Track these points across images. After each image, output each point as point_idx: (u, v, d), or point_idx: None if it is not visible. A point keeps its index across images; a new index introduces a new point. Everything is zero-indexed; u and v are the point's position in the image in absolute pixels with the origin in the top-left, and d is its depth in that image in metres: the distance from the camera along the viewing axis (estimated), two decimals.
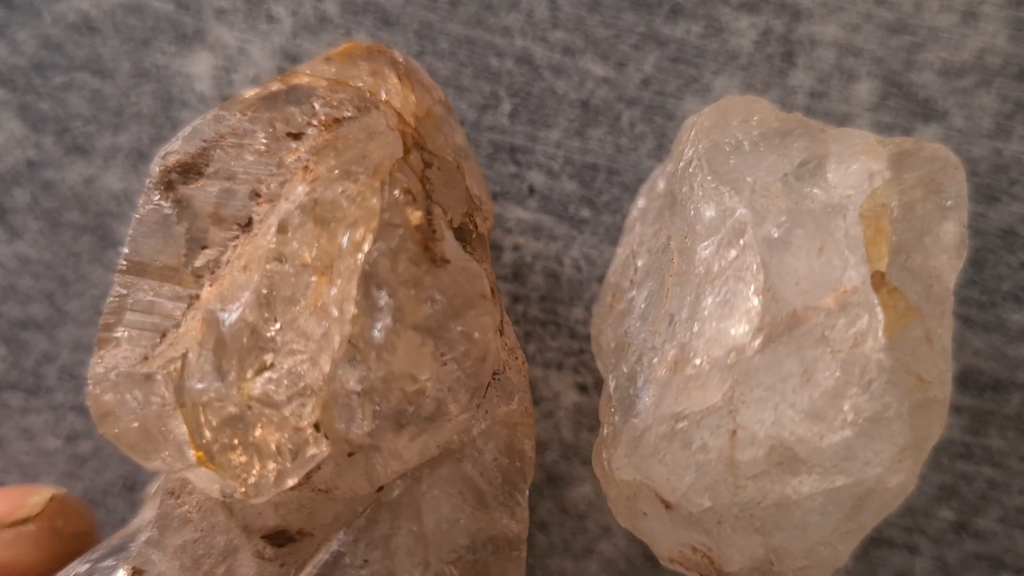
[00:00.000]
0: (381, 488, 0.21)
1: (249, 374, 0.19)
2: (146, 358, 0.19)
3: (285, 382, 0.18)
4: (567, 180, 0.29)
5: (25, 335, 0.29)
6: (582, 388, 0.29)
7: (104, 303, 0.28)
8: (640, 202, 0.27)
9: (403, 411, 0.19)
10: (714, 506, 0.21)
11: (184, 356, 0.19)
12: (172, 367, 0.19)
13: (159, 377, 0.19)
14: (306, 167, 0.20)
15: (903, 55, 0.28)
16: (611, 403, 0.24)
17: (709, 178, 0.22)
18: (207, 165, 0.21)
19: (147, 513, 0.22)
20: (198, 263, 0.20)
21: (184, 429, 0.19)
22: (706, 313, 0.21)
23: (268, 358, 0.19)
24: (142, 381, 0.19)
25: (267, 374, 0.18)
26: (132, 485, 0.29)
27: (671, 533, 0.22)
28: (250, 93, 0.21)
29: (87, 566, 0.21)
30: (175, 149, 0.21)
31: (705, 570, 0.22)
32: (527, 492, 0.23)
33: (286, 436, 0.18)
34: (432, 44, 0.29)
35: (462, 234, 0.21)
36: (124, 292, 0.20)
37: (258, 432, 0.18)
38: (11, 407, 0.29)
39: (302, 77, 0.21)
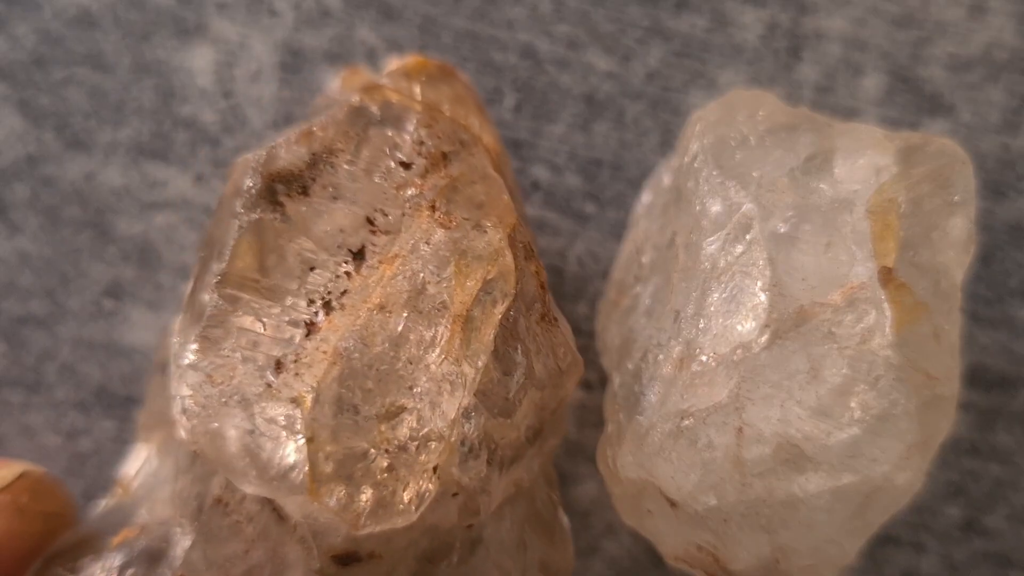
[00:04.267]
0: (471, 526, 0.21)
1: (385, 414, 0.19)
2: (269, 386, 0.19)
3: (414, 424, 0.19)
4: (571, 175, 0.29)
5: (25, 331, 0.29)
6: (587, 385, 0.29)
7: (105, 299, 0.28)
8: (645, 197, 0.27)
9: (505, 455, 0.20)
10: (720, 504, 0.21)
11: (317, 389, 0.19)
12: (302, 400, 0.19)
13: (285, 409, 0.19)
14: (433, 207, 0.20)
15: (910, 49, 0.28)
16: (616, 400, 0.23)
17: (715, 173, 0.22)
18: (314, 180, 0.20)
19: (137, 501, 0.21)
20: (309, 286, 0.19)
21: (301, 459, 0.18)
22: (712, 309, 0.21)
23: (403, 400, 0.19)
24: (264, 408, 0.19)
25: (402, 416, 0.19)
26: None
27: (676, 531, 0.22)
28: (335, 93, 0.21)
29: (117, 561, 0.20)
30: (279, 155, 0.20)
31: (711, 568, 0.22)
32: (567, 520, 0.24)
33: (414, 478, 0.18)
34: (435, 38, 0.29)
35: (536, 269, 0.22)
36: (228, 308, 0.19)
37: (381, 472, 0.18)
38: (11, 404, 0.29)
39: (391, 93, 0.21)
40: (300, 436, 0.18)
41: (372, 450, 0.18)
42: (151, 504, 0.22)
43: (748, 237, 0.21)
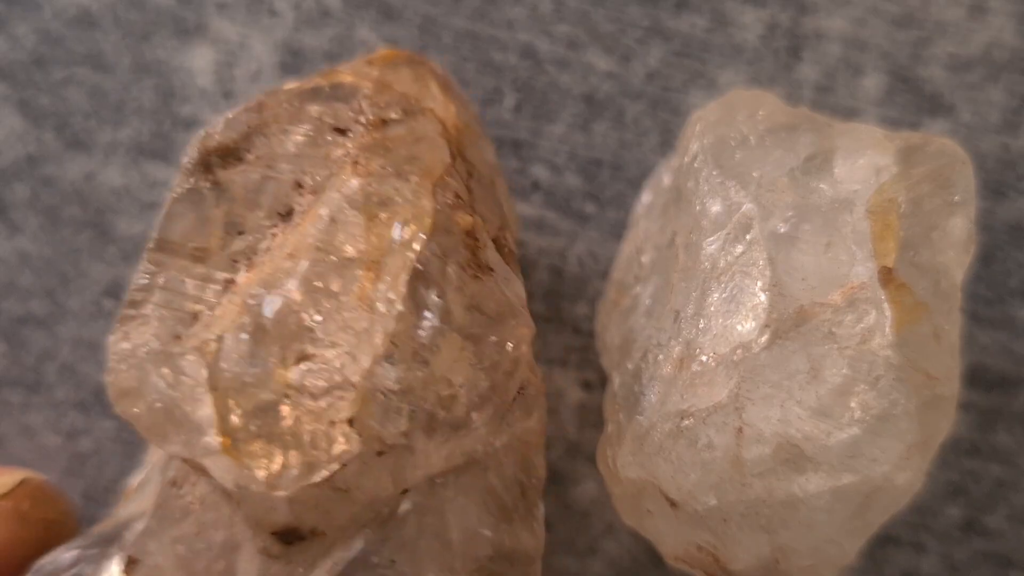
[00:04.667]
0: (406, 491, 0.20)
1: (288, 362, 0.18)
2: (178, 337, 0.19)
3: (324, 374, 0.18)
4: (571, 175, 0.29)
5: (25, 331, 0.29)
6: (586, 385, 0.29)
7: (105, 299, 0.28)
8: (645, 197, 0.27)
9: (435, 415, 0.19)
10: (720, 504, 0.21)
11: (220, 339, 0.19)
12: (206, 349, 0.19)
13: (191, 358, 0.19)
14: (356, 162, 0.20)
15: (910, 49, 0.28)
16: (616, 400, 0.23)
17: (715, 173, 0.22)
18: (248, 151, 0.20)
19: (129, 507, 0.22)
20: (235, 248, 0.20)
21: (211, 413, 0.18)
22: (712, 309, 0.21)
23: (308, 348, 0.18)
24: (172, 360, 0.19)
25: (306, 364, 0.18)
26: None
27: (676, 531, 0.22)
28: (291, 85, 0.21)
29: (74, 552, 0.20)
30: (217, 131, 0.20)
31: (711, 569, 0.22)
32: (542, 508, 0.23)
33: (321, 429, 0.18)
34: (435, 38, 0.29)
35: (496, 248, 0.21)
36: (154, 270, 0.20)
37: (290, 422, 0.18)
38: (11, 404, 0.29)
39: (345, 76, 0.21)
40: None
41: (280, 401, 0.18)
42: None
43: (748, 237, 0.21)
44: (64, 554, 0.21)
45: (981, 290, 0.28)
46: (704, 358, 0.21)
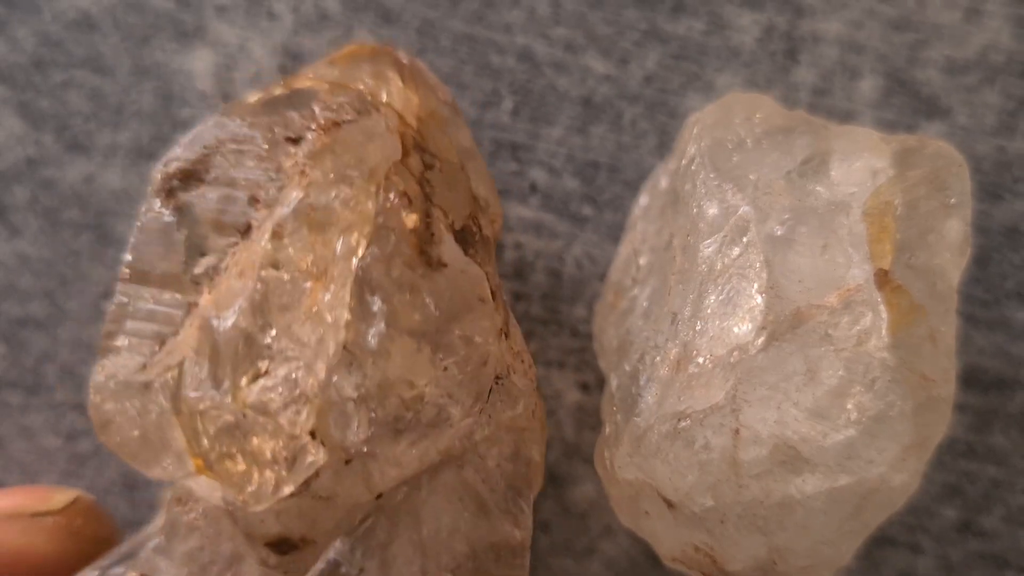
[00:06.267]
0: (380, 495, 0.21)
1: (244, 381, 0.18)
2: (145, 366, 0.19)
3: (280, 389, 0.18)
4: (569, 178, 0.29)
5: (25, 333, 0.29)
6: (584, 387, 0.29)
7: (104, 301, 0.28)
8: (642, 200, 0.27)
9: (401, 417, 0.19)
10: (717, 505, 0.21)
11: (180, 364, 0.19)
12: (169, 375, 0.19)
13: (156, 385, 0.19)
14: (303, 172, 0.20)
15: (906, 52, 0.28)
16: (613, 402, 0.24)
17: (712, 175, 0.22)
18: (207, 171, 0.20)
19: (160, 519, 0.22)
20: (197, 270, 0.20)
21: (180, 437, 0.19)
22: (709, 311, 0.21)
23: (263, 365, 0.18)
24: (140, 389, 0.19)
25: (262, 381, 0.18)
26: (132, 484, 0.29)
27: (674, 532, 0.22)
28: (254, 98, 0.21)
29: (97, 572, 0.21)
30: (176, 156, 0.21)
31: (708, 569, 0.22)
32: (532, 499, 0.22)
33: (281, 444, 0.18)
34: (433, 41, 0.29)
35: (464, 236, 0.21)
36: (125, 300, 0.20)
37: (254, 440, 0.18)
38: (11, 405, 0.29)
39: (304, 81, 0.21)
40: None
41: (243, 420, 0.18)
42: None
43: (745, 239, 0.21)
44: (90, 573, 0.21)
45: (977, 292, 0.28)
46: (701, 360, 0.21)
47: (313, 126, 0.20)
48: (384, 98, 0.22)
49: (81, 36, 0.29)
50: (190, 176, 0.20)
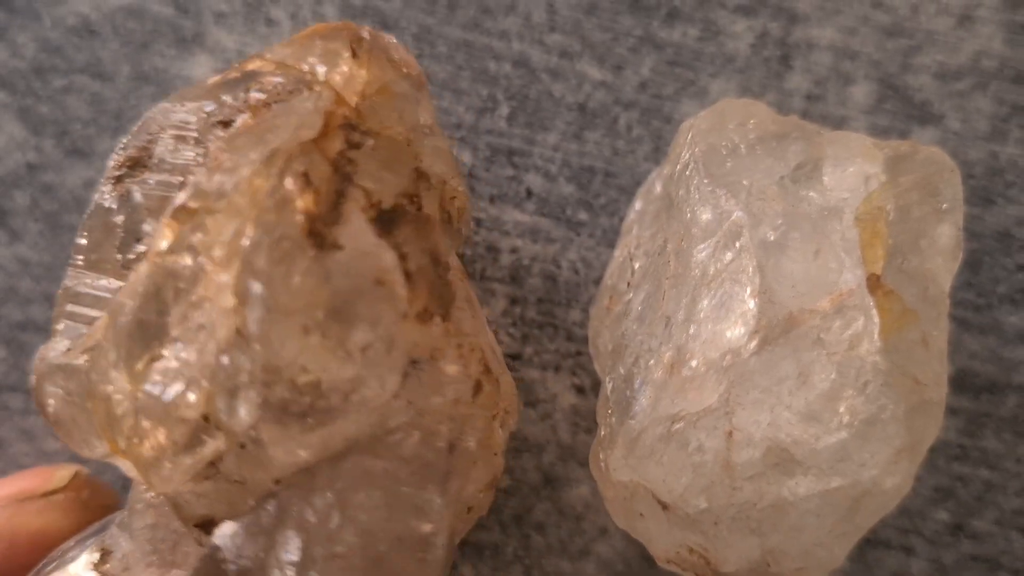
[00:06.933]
0: (279, 481, 0.20)
1: (139, 366, 0.18)
2: (68, 350, 0.20)
3: (173, 373, 0.18)
4: (564, 183, 0.29)
5: (25, 337, 0.29)
6: (579, 390, 0.29)
7: None
8: (637, 205, 0.27)
9: (293, 402, 0.18)
10: (710, 507, 0.21)
11: (92, 348, 0.19)
12: (83, 359, 0.19)
13: (82, 369, 0.19)
14: (215, 156, 0.20)
15: (899, 58, 0.29)
16: (608, 405, 0.24)
17: (705, 181, 0.22)
18: (151, 157, 0.21)
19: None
20: (131, 256, 0.20)
21: (93, 421, 0.19)
22: (702, 315, 0.21)
23: (159, 350, 0.18)
24: (70, 372, 0.19)
25: (156, 365, 0.18)
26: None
27: (668, 534, 0.22)
28: (211, 81, 0.21)
29: (74, 541, 0.21)
30: (126, 143, 0.21)
31: (702, 571, 0.22)
32: (450, 490, 0.22)
33: (174, 428, 0.18)
34: (430, 47, 0.29)
35: (392, 216, 0.20)
36: (69, 285, 0.21)
37: (150, 424, 0.18)
38: (11, 409, 0.29)
39: (255, 62, 0.21)
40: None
41: (138, 405, 0.18)
42: None
43: (738, 244, 0.21)
44: (70, 543, 0.22)
45: (969, 296, 0.28)
46: (694, 363, 0.21)
47: (244, 108, 0.20)
48: (324, 76, 0.21)
49: (81, 42, 0.29)
50: (136, 163, 0.21)
